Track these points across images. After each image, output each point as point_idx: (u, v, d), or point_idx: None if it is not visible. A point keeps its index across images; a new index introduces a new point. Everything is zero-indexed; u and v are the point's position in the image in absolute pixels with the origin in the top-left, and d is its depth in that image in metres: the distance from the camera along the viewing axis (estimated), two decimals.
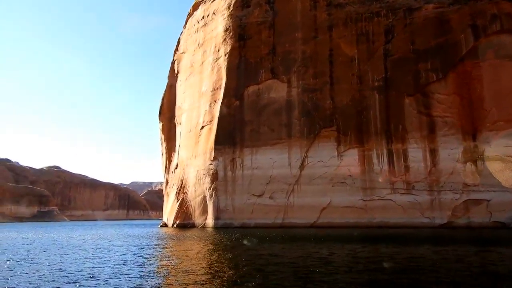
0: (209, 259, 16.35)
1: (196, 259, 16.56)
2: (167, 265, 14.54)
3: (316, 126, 45.97)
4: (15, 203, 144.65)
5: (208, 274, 12.42)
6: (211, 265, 14.49)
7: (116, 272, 12.54)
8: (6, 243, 28.42)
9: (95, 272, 12.43)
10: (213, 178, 48.27)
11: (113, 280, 11.14)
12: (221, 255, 18.07)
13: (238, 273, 12.53)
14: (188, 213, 50.80)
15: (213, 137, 49.14)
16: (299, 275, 12.23)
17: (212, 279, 11.52)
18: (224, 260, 16.16)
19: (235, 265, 14.44)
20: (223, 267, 13.83)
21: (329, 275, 11.93)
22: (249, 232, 37.29)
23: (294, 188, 45.49)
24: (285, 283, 11.00)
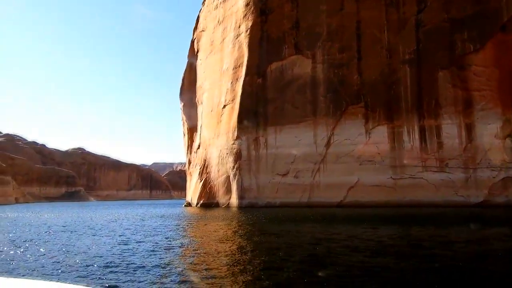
0: (237, 239, 15.67)
1: (224, 239, 15.91)
2: (196, 246, 13.92)
3: (343, 103, 44.18)
4: (43, 184, 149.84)
5: (237, 255, 11.73)
6: (240, 246, 13.81)
7: (145, 254, 12.02)
8: (42, 222, 28.81)
9: (125, 254, 11.92)
10: (237, 158, 47.62)
11: (142, 261, 10.68)
12: (249, 235, 17.38)
13: (266, 254, 11.74)
14: (212, 193, 50.65)
15: (235, 116, 48.17)
16: (326, 256, 11.44)
17: (241, 261, 10.91)
18: (252, 241, 15.45)
19: (263, 246, 13.69)
20: (251, 248, 13.09)
21: (353, 257, 11.05)
22: (274, 211, 36.70)
23: (320, 167, 44.33)
24: (313, 264, 10.24)
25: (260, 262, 10.62)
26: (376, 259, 10.77)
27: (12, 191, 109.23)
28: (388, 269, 9.42)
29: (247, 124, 47.31)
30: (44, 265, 10.09)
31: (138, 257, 11.36)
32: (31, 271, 9.30)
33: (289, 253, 11.81)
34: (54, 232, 20.50)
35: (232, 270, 9.32)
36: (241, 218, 27.65)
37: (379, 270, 9.06)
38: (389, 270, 9.25)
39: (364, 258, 10.84)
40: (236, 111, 48.03)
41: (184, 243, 15.07)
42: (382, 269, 9.14)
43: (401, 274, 8.89)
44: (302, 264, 10.10)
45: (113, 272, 9.17)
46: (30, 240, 16.51)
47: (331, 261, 10.55)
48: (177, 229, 21.64)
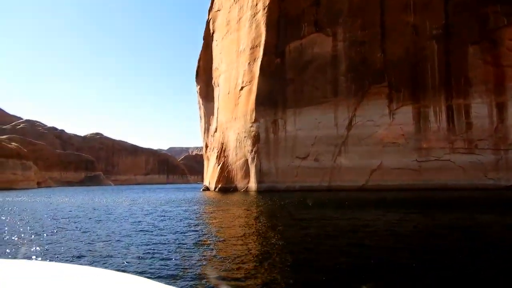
0: (261, 227, 14.81)
1: (248, 226, 15.10)
2: (220, 234, 13.13)
3: (365, 82, 42.36)
4: (63, 169, 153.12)
5: (259, 241, 10.90)
6: (265, 234, 12.96)
7: (168, 241, 11.36)
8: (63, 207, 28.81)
9: (147, 241, 11.36)
10: (255, 141, 46.69)
11: (165, 248, 10.04)
12: (273, 222, 16.53)
13: (296, 243, 10.83)
14: (230, 177, 50.09)
15: (253, 98, 46.97)
16: (350, 243, 10.49)
17: (262, 247, 10.17)
18: (277, 228, 14.56)
19: (290, 234, 12.79)
20: (278, 236, 12.20)
21: (376, 244, 10.09)
22: (294, 195, 35.83)
23: (341, 149, 43.01)
24: (334, 252, 9.43)
25: (291, 251, 9.75)
26: (431, 255, 9.68)
27: (34, 175, 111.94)
28: (446, 261, 8.37)
29: (265, 106, 46.10)
30: (80, 251, 10.01)
31: (160, 244, 10.69)
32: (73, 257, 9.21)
33: (318, 242, 10.91)
34: (81, 217, 20.22)
35: (261, 263, 8.43)
36: (261, 203, 26.90)
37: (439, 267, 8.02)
38: (447, 263, 8.21)
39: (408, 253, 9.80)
40: (254, 93, 46.80)
41: (207, 230, 14.34)
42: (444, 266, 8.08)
43: (457, 264, 7.85)
44: (335, 254, 9.17)
45: (136, 258, 8.86)
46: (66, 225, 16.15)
47: (367, 252, 9.58)
48: (198, 214, 21.00)
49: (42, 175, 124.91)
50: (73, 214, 21.18)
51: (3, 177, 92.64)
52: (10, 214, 21.74)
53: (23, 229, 14.30)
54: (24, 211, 24.09)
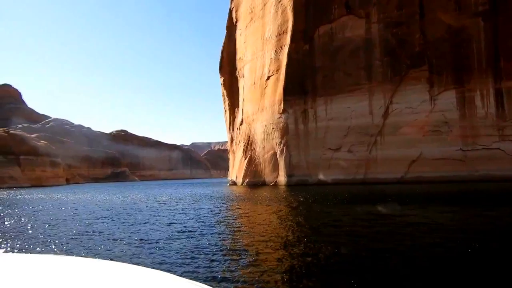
0: (298, 226, 12.74)
1: (283, 225, 13.10)
2: (255, 233, 11.22)
3: (403, 66, 39.24)
4: (91, 166, 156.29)
5: (303, 246, 9.02)
6: (302, 234, 11.01)
7: (201, 242, 9.92)
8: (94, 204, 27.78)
9: (176, 238, 10.59)
10: (283, 133, 44.50)
11: (198, 249, 8.97)
12: (310, 221, 14.38)
13: (339, 245, 8.79)
14: (258, 171, 48.19)
15: (281, 87, 44.69)
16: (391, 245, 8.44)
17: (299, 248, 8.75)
18: (317, 228, 12.46)
19: (330, 235, 10.69)
20: (319, 239, 10.18)
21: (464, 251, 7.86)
22: (327, 189, 33.49)
23: (376, 139, 40.20)
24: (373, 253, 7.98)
25: (336, 256, 7.72)
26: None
27: (63, 172, 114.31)
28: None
29: (294, 96, 43.74)
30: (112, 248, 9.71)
31: (199, 248, 9.16)
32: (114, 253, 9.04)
33: (364, 245, 8.79)
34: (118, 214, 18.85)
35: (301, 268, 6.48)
36: (293, 199, 24.78)
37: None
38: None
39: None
40: (282, 82, 44.51)
41: (242, 229, 12.42)
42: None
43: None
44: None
45: (170, 257, 8.34)
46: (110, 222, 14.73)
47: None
48: (230, 212, 19.15)
49: (70, 171, 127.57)
50: (113, 214, 19.82)
51: (33, 174, 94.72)
52: (60, 212, 20.73)
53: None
54: (62, 209, 23.08)
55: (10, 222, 16.38)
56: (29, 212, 21.37)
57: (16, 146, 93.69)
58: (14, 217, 18.39)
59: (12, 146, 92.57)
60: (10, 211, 22.53)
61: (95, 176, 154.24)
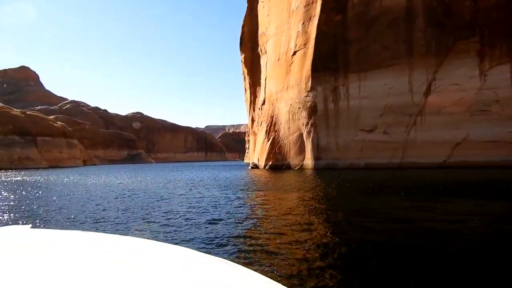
0: (333, 224, 9.64)
1: (315, 220, 10.10)
2: (288, 228, 8.43)
3: (449, 38, 35.00)
4: (107, 147, 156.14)
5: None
6: (339, 234, 8.20)
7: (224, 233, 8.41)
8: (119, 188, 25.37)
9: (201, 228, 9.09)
10: (311, 112, 41.07)
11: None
12: (346, 214, 11.29)
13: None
14: (282, 153, 45.11)
15: (309, 63, 41.01)
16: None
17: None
18: (358, 221, 9.42)
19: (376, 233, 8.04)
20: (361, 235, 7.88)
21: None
22: (360, 174, 30.28)
23: (416, 120, 36.46)
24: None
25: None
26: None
27: (80, 154, 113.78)
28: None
29: (324, 72, 40.06)
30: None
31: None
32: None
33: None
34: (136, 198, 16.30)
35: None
36: (324, 185, 21.63)
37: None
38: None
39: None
40: (310, 57, 40.78)
41: (272, 222, 9.52)
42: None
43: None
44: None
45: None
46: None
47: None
48: (257, 201, 16.22)
49: (87, 153, 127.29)
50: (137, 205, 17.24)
51: (50, 155, 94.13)
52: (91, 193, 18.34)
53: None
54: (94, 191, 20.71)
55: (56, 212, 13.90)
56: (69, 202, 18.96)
57: (33, 127, 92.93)
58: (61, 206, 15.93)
59: (29, 127, 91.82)
60: (55, 196, 20.19)
61: (112, 158, 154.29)
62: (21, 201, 16.32)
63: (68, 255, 1.96)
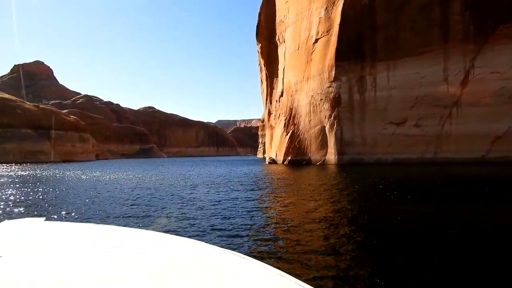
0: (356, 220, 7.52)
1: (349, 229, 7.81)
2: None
3: (490, 22, 31.90)
4: (119, 142, 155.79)
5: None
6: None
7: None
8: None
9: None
10: (334, 104, 38.45)
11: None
12: (383, 226, 8.89)
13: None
14: (302, 148, 42.64)
15: (332, 51, 38.31)
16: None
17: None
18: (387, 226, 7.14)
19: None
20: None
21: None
22: (389, 170, 27.71)
23: (451, 111, 33.56)
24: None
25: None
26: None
27: (92, 148, 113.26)
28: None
29: (349, 61, 37.34)
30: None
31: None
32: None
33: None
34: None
35: None
36: (351, 184, 19.15)
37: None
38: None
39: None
40: (333, 45, 38.06)
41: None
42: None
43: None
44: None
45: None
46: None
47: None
48: (278, 204, 13.93)
49: (100, 147, 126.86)
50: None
51: (63, 149, 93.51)
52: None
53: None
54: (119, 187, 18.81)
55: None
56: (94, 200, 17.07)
57: (46, 121, 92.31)
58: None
59: (43, 121, 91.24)
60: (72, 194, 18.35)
61: (124, 152, 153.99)
62: (36, 195, 16.10)
63: (80, 247, 2.00)
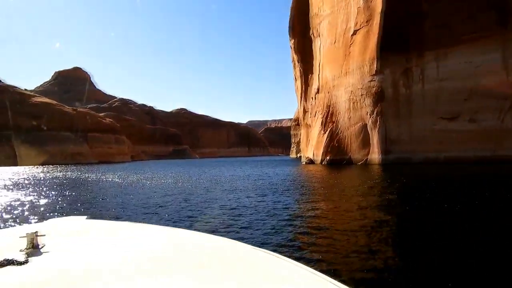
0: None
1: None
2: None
3: None
4: (154, 143, 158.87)
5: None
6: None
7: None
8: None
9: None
10: (377, 99, 35.80)
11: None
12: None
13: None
14: (342, 147, 40.21)
15: (373, 42, 35.65)
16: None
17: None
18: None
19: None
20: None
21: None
22: (443, 170, 24.86)
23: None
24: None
25: None
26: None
27: (128, 149, 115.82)
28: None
29: (392, 52, 34.56)
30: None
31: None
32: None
33: None
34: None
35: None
36: (403, 187, 16.82)
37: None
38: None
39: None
40: (375, 36, 35.41)
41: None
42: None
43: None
44: None
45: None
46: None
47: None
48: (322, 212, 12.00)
49: (135, 149, 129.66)
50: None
51: (100, 151, 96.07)
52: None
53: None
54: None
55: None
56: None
57: (83, 123, 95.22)
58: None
59: (80, 123, 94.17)
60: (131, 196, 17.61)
61: (158, 154, 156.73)
62: (80, 196, 16.76)
63: (120, 243, 2.08)
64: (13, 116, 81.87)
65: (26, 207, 13.05)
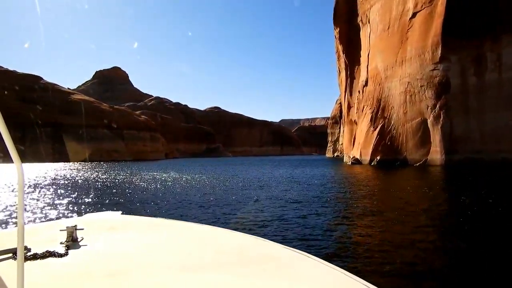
0: None
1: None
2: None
3: None
4: (188, 141, 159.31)
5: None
6: None
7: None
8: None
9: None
10: (440, 91, 31.13)
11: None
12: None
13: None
14: (395, 146, 35.80)
15: (437, 25, 31.03)
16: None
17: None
18: None
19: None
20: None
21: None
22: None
23: None
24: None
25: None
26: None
27: (162, 147, 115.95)
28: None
29: (460, 36, 29.81)
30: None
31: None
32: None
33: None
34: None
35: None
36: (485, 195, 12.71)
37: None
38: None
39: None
40: (440, 17, 30.77)
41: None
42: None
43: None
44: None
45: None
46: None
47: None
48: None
49: (169, 146, 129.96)
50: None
51: (135, 148, 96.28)
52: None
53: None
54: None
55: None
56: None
57: (119, 121, 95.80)
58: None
59: (117, 121, 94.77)
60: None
61: (192, 152, 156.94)
62: (117, 193, 17.08)
63: (154, 239, 2.13)
64: (60, 114, 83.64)
65: (65, 202, 13.52)
